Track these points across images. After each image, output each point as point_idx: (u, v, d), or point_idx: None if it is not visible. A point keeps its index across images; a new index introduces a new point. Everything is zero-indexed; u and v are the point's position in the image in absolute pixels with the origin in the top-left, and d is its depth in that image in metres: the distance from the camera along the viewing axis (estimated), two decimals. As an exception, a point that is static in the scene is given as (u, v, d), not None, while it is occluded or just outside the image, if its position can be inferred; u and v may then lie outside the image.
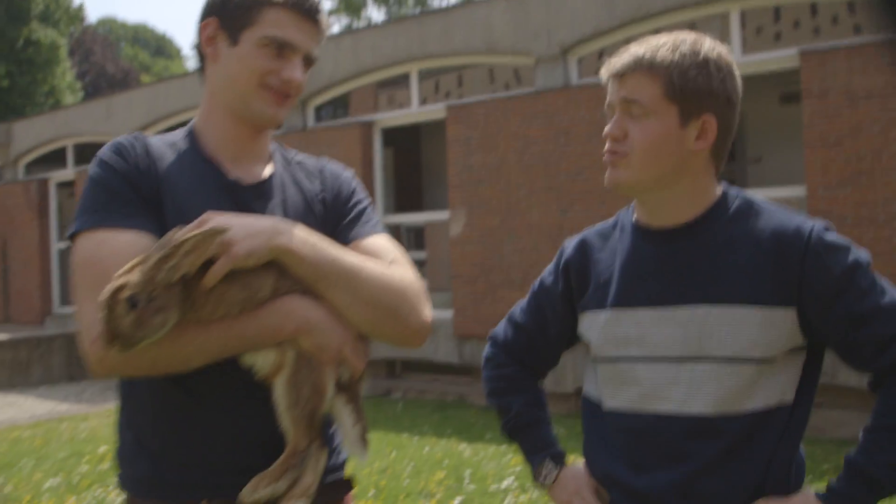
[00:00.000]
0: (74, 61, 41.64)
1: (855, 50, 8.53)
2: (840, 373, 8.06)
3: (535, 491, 6.59)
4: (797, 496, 1.85)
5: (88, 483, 7.28)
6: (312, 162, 2.19)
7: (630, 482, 1.93)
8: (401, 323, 1.91)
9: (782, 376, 1.88)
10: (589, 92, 10.25)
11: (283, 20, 1.96)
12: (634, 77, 1.91)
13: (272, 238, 1.77)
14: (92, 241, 1.82)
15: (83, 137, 17.62)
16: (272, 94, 1.98)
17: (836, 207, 8.53)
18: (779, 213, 1.92)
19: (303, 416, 1.79)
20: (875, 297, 1.82)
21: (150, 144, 1.97)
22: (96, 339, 1.69)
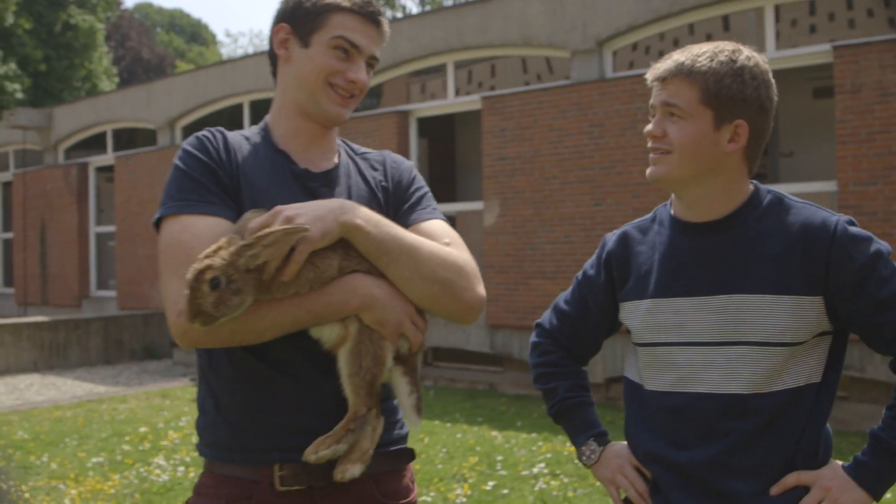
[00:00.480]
0: (111, 46, 42.06)
1: (888, 45, 8.58)
2: (868, 367, 8.16)
3: (565, 476, 6.76)
4: (826, 468, 2.01)
5: (131, 462, 7.52)
6: (375, 154, 2.34)
7: (671, 457, 2.09)
8: (457, 298, 2.03)
9: (811, 358, 2.04)
10: (623, 85, 10.35)
11: (350, 24, 2.12)
12: (675, 82, 2.06)
13: (340, 216, 1.91)
14: (177, 226, 1.98)
15: (123, 123, 17.94)
16: (338, 93, 2.15)
17: (867, 203, 8.60)
18: (806, 209, 2.07)
19: (363, 384, 1.95)
20: (895, 284, 1.97)
21: (228, 137, 2.15)
22: (181, 312, 1.88)
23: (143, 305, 16.42)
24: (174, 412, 10.07)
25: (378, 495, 2.11)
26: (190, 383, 12.57)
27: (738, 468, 2.02)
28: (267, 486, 2.02)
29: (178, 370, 14.30)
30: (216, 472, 2.09)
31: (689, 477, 2.07)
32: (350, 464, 1.96)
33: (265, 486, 2.02)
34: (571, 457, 7.38)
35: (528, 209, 11.11)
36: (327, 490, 2.03)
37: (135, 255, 16.66)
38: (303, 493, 2.02)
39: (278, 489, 2.01)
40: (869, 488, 1.96)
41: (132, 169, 16.84)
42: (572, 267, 10.61)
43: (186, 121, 16.55)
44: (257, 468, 2.03)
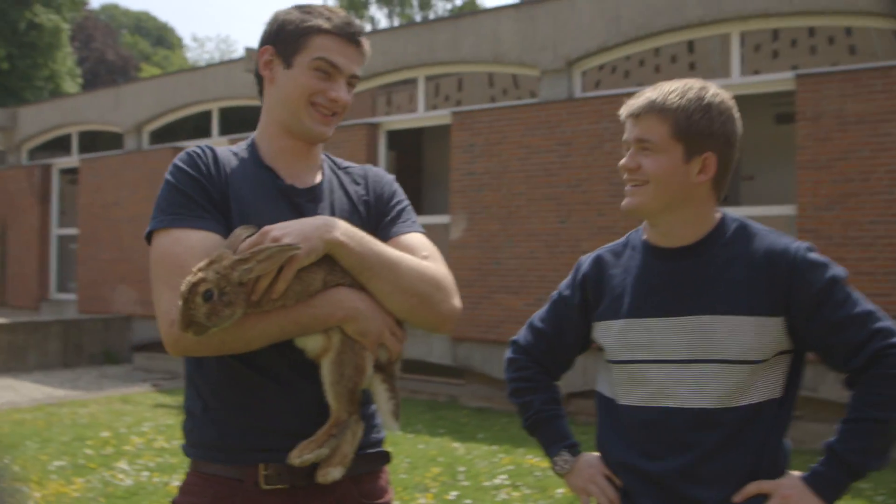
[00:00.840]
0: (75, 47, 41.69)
1: (849, 75, 8.85)
2: (821, 387, 8.38)
3: (526, 488, 6.88)
4: (784, 478, 2.16)
5: (95, 466, 7.52)
6: (357, 168, 2.45)
7: (643, 467, 2.23)
8: (434, 310, 2.16)
9: (772, 375, 2.19)
10: (591, 105, 10.54)
11: (330, 45, 2.23)
12: (647, 118, 2.21)
13: (324, 234, 2.01)
14: (168, 239, 2.09)
15: (89, 125, 17.84)
16: (319, 112, 2.25)
17: (825, 227, 8.85)
18: (769, 236, 2.24)
19: (345, 392, 2.06)
20: (849, 307, 2.13)
21: (218, 154, 2.25)
22: (173, 323, 1.98)
23: (104, 309, 16.33)
24: (136, 417, 10.06)
25: (357, 495, 2.22)
26: (151, 389, 12.54)
27: (704, 477, 2.16)
28: (251, 485, 2.11)
29: (138, 375, 14.24)
30: (202, 472, 2.19)
31: (659, 485, 2.21)
32: (332, 467, 2.08)
33: (250, 485, 2.12)
34: (532, 469, 7.50)
35: (494, 224, 11.25)
36: (309, 489, 2.13)
37: (97, 258, 16.57)
38: (286, 492, 2.12)
39: (262, 488, 2.11)
40: (824, 496, 2.10)
41: (97, 172, 16.76)
42: (536, 282, 10.76)
43: (154, 125, 16.51)
44: (242, 467, 2.13)
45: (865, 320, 2.12)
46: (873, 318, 2.13)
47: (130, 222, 15.86)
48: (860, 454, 2.08)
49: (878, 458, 2.09)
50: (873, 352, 2.09)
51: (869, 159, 8.68)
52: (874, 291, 8.44)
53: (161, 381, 13.37)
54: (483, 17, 12.01)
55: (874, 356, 2.09)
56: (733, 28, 10.04)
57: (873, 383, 2.09)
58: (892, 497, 6.81)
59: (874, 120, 8.65)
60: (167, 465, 7.60)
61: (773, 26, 10.06)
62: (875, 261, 8.59)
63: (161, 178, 2.23)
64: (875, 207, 8.63)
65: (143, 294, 15.59)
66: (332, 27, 2.24)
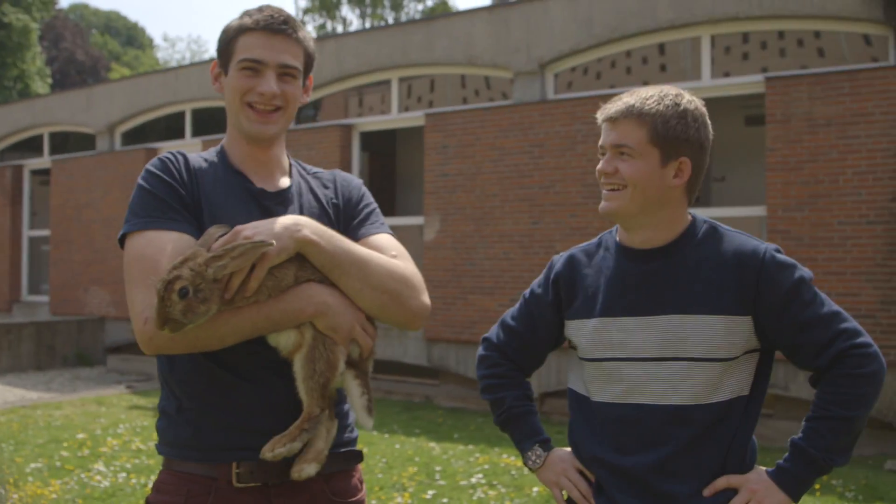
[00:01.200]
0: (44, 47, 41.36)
1: (817, 78, 8.99)
2: (792, 385, 8.52)
3: (502, 487, 6.94)
4: (752, 473, 2.24)
5: (71, 468, 7.52)
6: (326, 173, 2.50)
7: (616, 462, 2.30)
8: (403, 306, 2.21)
9: (741, 373, 2.27)
10: (564, 107, 10.63)
11: (253, 42, 2.25)
12: (625, 123, 2.27)
13: (295, 233, 2.06)
14: (142, 240, 2.12)
15: (60, 126, 17.72)
16: (255, 111, 2.28)
17: (794, 228, 8.99)
18: (738, 237, 2.31)
19: (317, 387, 2.10)
20: (816, 308, 2.22)
21: (189, 159, 2.30)
22: (147, 321, 2.01)
23: (77, 311, 16.24)
24: (111, 419, 10.04)
25: (329, 493, 2.27)
26: (126, 391, 12.50)
27: (676, 472, 2.24)
28: (225, 483, 2.16)
29: (112, 377, 14.19)
30: (175, 470, 2.22)
31: (631, 479, 2.27)
32: (306, 463, 2.12)
33: (223, 483, 2.16)
34: (508, 468, 7.58)
35: (468, 225, 11.32)
36: (282, 487, 2.18)
37: (69, 260, 16.48)
38: (259, 490, 2.17)
39: (235, 486, 2.15)
40: (789, 491, 2.19)
41: (69, 173, 16.67)
42: (510, 283, 10.84)
43: (126, 126, 16.44)
44: (215, 466, 2.17)
45: (831, 321, 2.20)
46: (839, 319, 2.21)
47: (103, 224, 15.79)
48: (824, 451, 2.16)
49: (841, 455, 2.17)
50: (838, 352, 2.17)
51: (837, 161, 8.83)
52: (843, 291, 8.60)
53: (135, 383, 13.33)
54: (456, 19, 12.08)
55: (838, 356, 2.17)
56: (704, 31, 10.17)
57: (837, 382, 2.18)
58: (862, 493, 6.94)
59: (842, 122, 8.80)
60: (144, 466, 7.60)
61: (743, 29, 10.19)
62: (843, 261, 8.74)
63: (134, 179, 2.29)
64: (843, 208, 8.78)
65: (117, 295, 15.53)
66: (252, 23, 2.26)
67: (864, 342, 2.19)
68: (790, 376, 8.55)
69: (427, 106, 13.03)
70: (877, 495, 6.89)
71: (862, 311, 8.55)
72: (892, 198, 8.55)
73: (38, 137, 18.27)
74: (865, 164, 8.70)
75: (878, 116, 8.65)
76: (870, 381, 2.17)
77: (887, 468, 7.82)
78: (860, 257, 8.68)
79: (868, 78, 8.74)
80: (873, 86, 8.70)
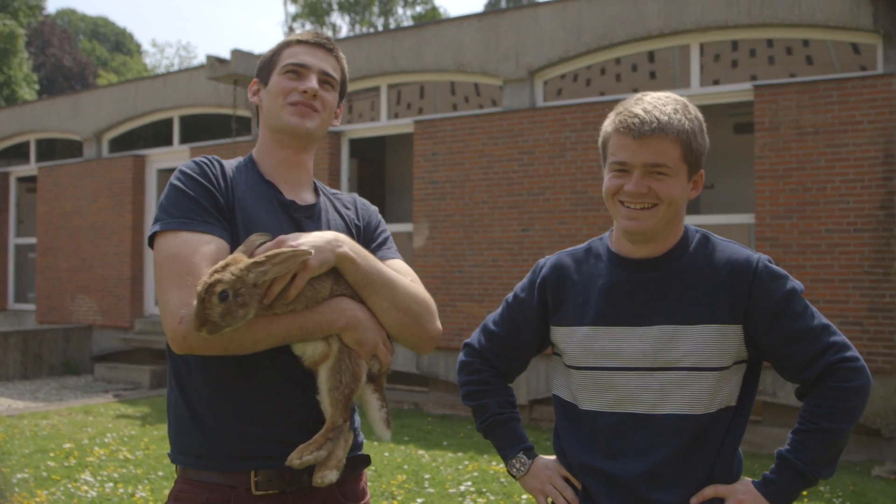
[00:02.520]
0: (31, 52, 41.24)
1: (806, 86, 9.02)
2: (780, 392, 8.53)
3: (491, 494, 6.93)
4: (739, 483, 2.26)
5: (58, 478, 7.46)
6: (346, 196, 2.60)
7: (606, 469, 2.30)
8: (422, 329, 2.30)
9: (730, 384, 2.28)
10: (553, 114, 10.64)
11: (296, 51, 2.42)
12: (660, 141, 2.20)
13: (336, 248, 2.14)
14: (177, 240, 2.15)
15: (47, 133, 17.65)
16: (297, 107, 2.37)
17: (782, 235, 9.01)
18: (730, 247, 2.32)
19: (341, 398, 2.15)
20: (806, 319, 2.23)
21: (224, 165, 2.36)
22: (183, 320, 2.03)
23: (64, 320, 16.16)
24: (98, 429, 9.98)
25: (340, 497, 2.33)
26: (113, 400, 12.43)
27: (664, 481, 2.24)
28: (243, 491, 2.19)
29: (100, 386, 14.11)
30: (192, 479, 2.24)
31: (620, 487, 2.28)
32: (328, 470, 2.16)
33: (242, 491, 2.19)
34: (497, 475, 7.56)
35: (456, 232, 11.31)
36: (297, 493, 2.23)
37: (56, 268, 16.40)
38: (276, 497, 2.21)
39: (254, 493, 2.19)
40: (776, 502, 2.20)
41: (56, 180, 16.60)
42: (499, 290, 10.84)
43: (114, 133, 16.37)
44: (234, 474, 2.20)
45: (820, 333, 2.21)
46: (828, 332, 2.22)
47: (90, 231, 15.72)
48: (810, 463, 2.17)
49: (826, 468, 2.19)
50: (826, 365, 2.19)
51: (825, 169, 8.86)
52: (831, 298, 8.62)
53: (123, 392, 13.27)
54: (446, 26, 12.09)
55: (826, 369, 2.19)
56: (693, 39, 10.20)
57: (825, 395, 2.19)
58: (850, 499, 6.95)
59: (830, 130, 8.84)
60: (131, 475, 7.56)
61: (731, 38, 10.22)
62: (831, 268, 8.76)
63: (121, 186, 2.30)
64: (831, 216, 8.81)
65: (104, 304, 15.46)
66: (297, 37, 2.44)
67: (852, 356, 2.20)
68: (778, 383, 8.57)
69: (416, 113, 13.04)
70: (864, 501, 6.90)
71: (849, 319, 8.57)
72: (880, 206, 8.59)
73: (25, 144, 18.20)
74: (853, 172, 8.73)
75: (866, 125, 8.69)
76: (857, 395, 2.18)
77: (875, 474, 7.83)
78: (848, 265, 8.71)
79: (856, 86, 8.78)
80: (861, 94, 8.74)
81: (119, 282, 15.31)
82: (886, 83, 8.62)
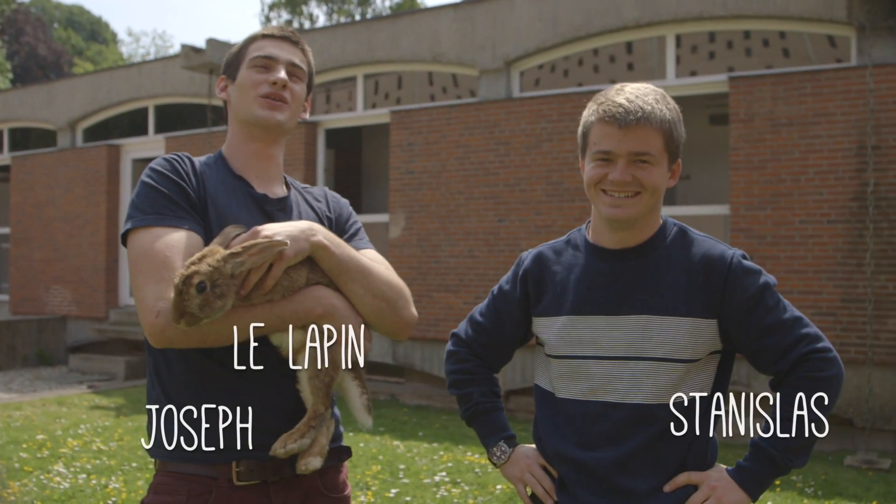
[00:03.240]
0: (4, 41, 40.82)
1: (780, 78, 9.07)
2: (755, 383, 8.58)
3: (466, 485, 6.94)
4: (712, 470, 2.28)
5: (30, 469, 7.41)
6: (316, 189, 2.62)
7: (579, 458, 2.31)
8: (398, 315, 2.33)
9: (703, 374, 2.30)
10: (529, 105, 10.64)
11: (263, 45, 2.44)
12: (644, 130, 2.23)
13: (311, 237, 2.17)
14: (150, 236, 2.15)
15: (21, 122, 17.48)
16: (267, 100, 2.38)
17: (757, 226, 9.06)
18: (707, 241, 2.34)
19: (322, 386, 2.17)
20: (779, 312, 2.25)
21: (194, 162, 2.36)
22: (160, 314, 2.04)
23: (38, 310, 16.04)
24: (72, 420, 9.91)
25: (322, 488, 2.35)
26: (88, 391, 12.35)
27: (637, 469, 2.26)
28: (225, 482, 2.20)
29: (74, 377, 14.02)
30: (172, 471, 2.24)
31: (593, 475, 2.29)
32: (312, 457, 2.18)
33: (223, 482, 2.20)
34: (472, 466, 7.57)
35: (433, 223, 11.30)
36: (280, 484, 2.25)
37: (30, 258, 16.26)
38: (258, 487, 2.22)
39: (236, 484, 2.19)
40: (748, 490, 2.22)
41: (29, 170, 16.45)
42: (475, 280, 10.84)
43: (88, 122, 16.24)
44: (215, 465, 2.20)
45: (793, 326, 2.24)
46: (800, 325, 2.24)
47: (64, 221, 15.60)
48: (784, 451, 2.19)
49: (800, 456, 2.21)
50: (799, 356, 2.21)
51: (800, 160, 8.91)
52: (805, 289, 8.68)
53: (97, 383, 13.19)
54: (422, 16, 12.05)
55: (799, 360, 2.21)
56: (668, 30, 10.22)
57: (798, 385, 2.21)
58: (822, 488, 7.01)
59: (804, 122, 8.89)
60: (105, 467, 7.51)
61: (707, 29, 10.25)
62: (805, 259, 8.82)
63: (96, 176, 2.29)
64: (805, 207, 8.86)
65: (78, 294, 15.35)
66: (264, 32, 2.47)
67: (824, 347, 2.23)
68: (752, 374, 8.61)
69: (393, 103, 13.00)
70: (836, 491, 6.96)
71: (823, 309, 8.64)
72: (853, 197, 8.65)
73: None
74: (827, 163, 8.79)
75: (840, 117, 8.74)
76: (830, 384, 2.20)
77: (847, 464, 7.90)
78: (821, 256, 8.77)
79: (830, 78, 8.83)
80: (835, 86, 8.79)
81: (94, 272, 15.20)
82: (860, 75, 8.67)
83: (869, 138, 8.54)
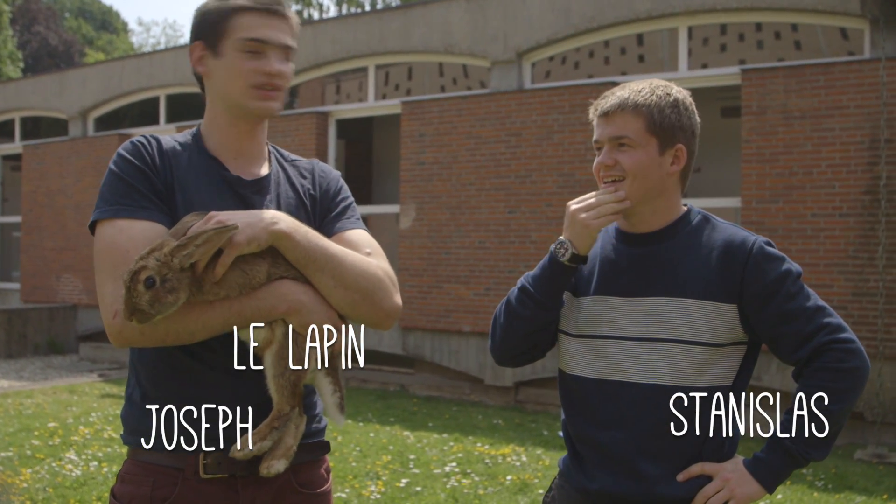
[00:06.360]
0: (16, 30, 40.90)
1: (793, 71, 9.03)
2: (764, 376, 8.58)
3: (476, 475, 6.95)
4: (728, 462, 2.27)
5: (42, 456, 7.45)
6: (305, 162, 2.44)
7: (596, 437, 2.33)
8: (375, 306, 2.17)
9: (725, 363, 2.29)
10: (541, 96, 10.62)
11: (253, 22, 2.19)
12: (622, 115, 2.32)
13: (270, 225, 2.02)
14: (112, 229, 2.08)
15: (32, 111, 17.53)
16: (262, 91, 2.21)
17: (768, 219, 9.04)
18: (730, 228, 2.36)
19: (287, 385, 2.07)
20: (801, 300, 2.24)
21: (163, 143, 2.23)
22: (117, 314, 1.97)
23: (49, 299, 16.10)
24: (83, 408, 9.96)
25: (295, 484, 2.24)
26: (98, 379, 12.41)
27: (651, 452, 2.26)
28: (191, 474, 2.12)
29: (85, 366, 14.09)
30: (140, 460, 2.18)
31: (610, 457, 2.30)
32: (275, 459, 2.08)
33: (189, 474, 2.12)
34: (482, 456, 7.58)
35: (443, 214, 11.30)
36: (248, 478, 2.15)
37: (41, 246, 16.32)
38: (225, 481, 2.13)
39: (202, 476, 2.12)
40: (764, 482, 2.22)
41: (41, 159, 16.49)
42: (486, 272, 10.84)
43: (100, 112, 16.28)
44: (182, 456, 2.13)
45: (815, 314, 2.23)
46: (823, 314, 2.23)
47: (75, 210, 15.64)
48: (802, 444, 2.18)
49: (819, 449, 2.20)
50: (819, 345, 2.20)
51: (812, 153, 8.88)
52: (817, 283, 8.66)
53: (108, 371, 13.25)
54: (433, 6, 12.03)
55: (819, 349, 2.20)
56: (681, 22, 10.18)
57: (818, 376, 2.20)
58: (832, 482, 7.01)
59: (817, 115, 8.85)
60: (116, 454, 7.55)
61: (720, 21, 10.22)
62: (817, 253, 8.80)
63: (107, 165, 2.23)
64: (817, 200, 8.84)
65: (89, 283, 15.40)
66: (250, 3, 2.20)
67: (846, 337, 2.21)
68: (763, 367, 8.61)
69: (405, 94, 13.00)
70: (846, 484, 6.95)
71: (834, 303, 8.61)
72: (865, 190, 8.62)
73: (10, 122, 18.07)
74: (839, 156, 8.75)
75: (853, 109, 8.70)
76: (851, 377, 2.19)
77: (857, 458, 7.89)
78: (833, 249, 8.74)
79: (842, 71, 8.79)
80: (848, 79, 8.75)
81: (104, 261, 15.20)
82: (873, 68, 8.63)
83: (882, 132, 8.50)
